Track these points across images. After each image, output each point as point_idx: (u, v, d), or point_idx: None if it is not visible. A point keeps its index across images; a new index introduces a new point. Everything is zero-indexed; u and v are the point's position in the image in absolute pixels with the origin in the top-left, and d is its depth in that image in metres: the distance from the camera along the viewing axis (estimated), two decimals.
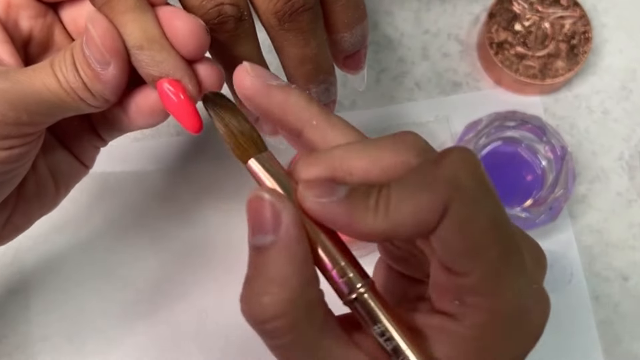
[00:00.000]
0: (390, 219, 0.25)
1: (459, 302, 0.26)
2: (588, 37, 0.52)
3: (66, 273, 0.50)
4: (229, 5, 0.32)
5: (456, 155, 0.25)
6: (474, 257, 0.25)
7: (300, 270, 0.26)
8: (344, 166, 0.27)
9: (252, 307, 0.26)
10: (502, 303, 0.26)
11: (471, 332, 0.26)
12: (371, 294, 0.27)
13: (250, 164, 0.28)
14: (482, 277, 0.25)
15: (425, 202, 0.25)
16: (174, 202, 0.51)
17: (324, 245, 0.27)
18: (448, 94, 0.53)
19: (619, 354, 0.49)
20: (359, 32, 0.36)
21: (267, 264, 0.26)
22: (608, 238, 0.51)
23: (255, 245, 0.26)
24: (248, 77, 0.29)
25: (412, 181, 0.25)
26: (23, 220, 0.37)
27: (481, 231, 0.25)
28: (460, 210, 0.24)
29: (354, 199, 0.26)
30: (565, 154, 0.48)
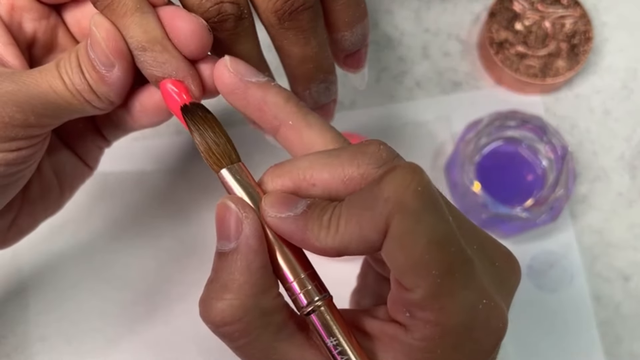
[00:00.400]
0: (339, 237, 0.26)
1: (409, 315, 0.26)
2: (589, 36, 0.52)
3: (65, 273, 0.49)
4: (228, 4, 0.32)
5: (398, 172, 0.26)
6: (416, 275, 0.25)
7: (254, 279, 0.27)
8: (307, 177, 0.28)
9: (207, 310, 0.27)
10: (448, 317, 0.26)
11: (420, 344, 0.26)
12: (327, 308, 0.28)
13: (222, 173, 0.29)
14: (426, 293, 0.25)
15: (366, 220, 0.25)
16: (174, 202, 0.51)
17: (285, 258, 0.28)
18: (448, 94, 0.53)
19: (620, 354, 0.49)
20: (360, 30, 0.35)
21: (225, 270, 0.27)
22: (609, 238, 0.50)
23: (219, 250, 0.28)
24: (226, 73, 0.30)
25: (358, 200, 0.26)
26: (28, 222, 0.37)
27: (421, 250, 0.25)
28: (399, 228, 0.25)
29: (310, 215, 0.27)
30: (565, 153, 0.48)
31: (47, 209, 0.38)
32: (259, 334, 0.27)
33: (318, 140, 0.30)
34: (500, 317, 0.27)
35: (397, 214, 0.25)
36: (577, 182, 0.51)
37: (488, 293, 0.27)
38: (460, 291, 0.26)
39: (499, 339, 0.27)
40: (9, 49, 0.33)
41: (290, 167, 0.29)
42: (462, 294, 0.26)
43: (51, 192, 0.37)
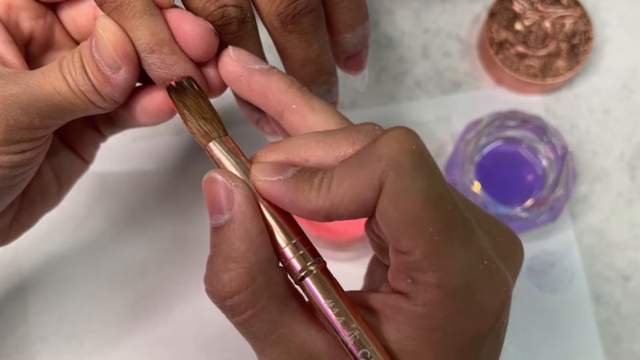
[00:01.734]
0: (330, 197, 0.26)
1: (411, 281, 0.26)
2: (589, 36, 0.52)
3: (65, 273, 0.49)
4: (232, 8, 0.32)
5: (393, 132, 0.26)
6: (413, 234, 0.25)
7: (256, 246, 0.27)
8: (301, 153, 0.28)
9: (212, 285, 0.27)
10: (448, 278, 0.26)
11: (422, 310, 0.26)
12: (321, 273, 0.27)
13: (210, 146, 0.29)
14: (425, 254, 0.25)
15: (361, 178, 0.25)
16: (174, 202, 0.51)
17: (277, 224, 0.28)
18: (448, 94, 0.53)
19: (620, 354, 0.49)
20: (361, 32, 0.36)
21: (224, 242, 0.27)
22: (609, 238, 0.50)
23: (213, 225, 0.28)
24: (230, 61, 0.31)
25: (352, 160, 0.26)
26: (28, 218, 0.37)
27: (417, 206, 0.25)
28: (394, 185, 0.25)
29: (300, 178, 0.27)
30: (565, 153, 0.48)
31: (46, 204, 0.38)
32: (265, 304, 0.27)
33: (322, 123, 0.30)
34: (503, 280, 0.27)
35: (392, 171, 0.25)
36: (577, 182, 0.51)
37: (489, 255, 0.27)
38: (459, 250, 0.26)
39: (503, 302, 0.27)
40: (9, 47, 0.33)
41: (284, 143, 0.29)
42: (462, 253, 0.26)
43: (50, 188, 0.37)
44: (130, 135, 0.52)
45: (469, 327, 0.27)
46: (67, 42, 0.36)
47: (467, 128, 0.50)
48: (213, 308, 0.48)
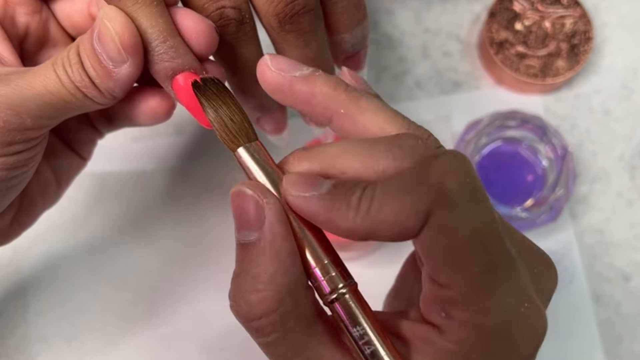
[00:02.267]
0: (370, 219, 0.24)
1: (445, 314, 0.25)
2: (589, 36, 0.52)
3: (65, 273, 0.49)
4: (230, 9, 0.32)
5: (446, 159, 0.25)
6: (455, 270, 0.24)
7: (286, 267, 0.25)
8: (337, 165, 0.26)
9: (239, 305, 0.26)
10: (487, 321, 0.25)
11: (455, 347, 0.25)
12: (352, 296, 0.26)
13: (239, 152, 0.27)
14: (465, 292, 0.24)
15: (407, 205, 0.24)
16: (174, 202, 0.50)
17: (308, 243, 0.26)
18: (448, 94, 0.53)
19: (620, 354, 0.49)
20: (359, 32, 0.36)
21: (253, 261, 0.26)
22: (609, 238, 0.50)
23: (241, 242, 0.26)
24: (268, 71, 0.28)
25: (397, 183, 0.24)
26: (28, 218, 0.37)
27: (464, 243, 0.24)
28: (441, 219, 0.24)
29: (336, 194, 0.25)
30: (566, 153, 0.48)
31: (46, 202, 0.38)
32: (291, 326, 0.26)
33: (371, 124, 0.28)
34: (541, 322, 0.26)
35: (443, 203, 0.23)
36: (577, 182, 0.51)
37: (530, 296, 0.26)
38: (502, 292, 0.24)
39: (538, 346, 0.26)
40: (4, 44, 0.33)
41: (319, 151, 0.27)
42: (504, 295, 0.25)
43: (49, 186, 0.37)
44: (130, 135, 0.52)
45: None
46: (62, 38, 0.36)
47: (467, 128, 0.50)
48: (213, 308, 0.48)
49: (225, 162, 0.51)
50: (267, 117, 0.37)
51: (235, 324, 0.27)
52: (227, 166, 0.51)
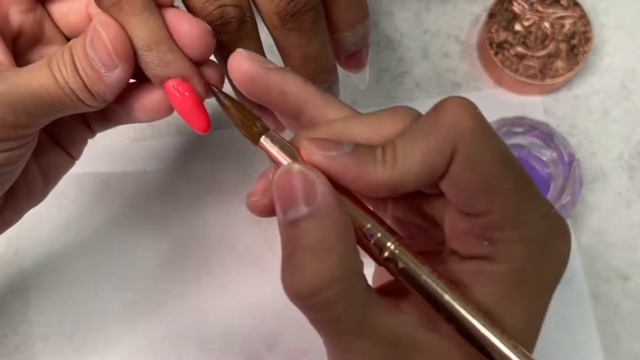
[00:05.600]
0: (398, 168, 0.26)
1: (488, 242, 0.26)
2: (588, 37, 0.52)
3: (66, 273, 0.49)
4: (231, 7, 0.32)
5: (453, 101, 0.26)
6: (490, 193, 0.26)
7: (344, 235, 0.26)
8: (346, 135, 0.27)
9: (296, 282, 0.25)
10: (530, 229, 0.26)
11: (508, 267, 0.26)
12: (404, 249, 0.27)
13: (263, 141, 0.28)
14: (504, 210, 0.26)
15: (432, 145, 0.25)
16: (175, 202, 0.51)
17: (351, 209, 0.27)
18: (448, 94, 0.53)
19: (620, 354, 0.49)
20: (361, 31, 0.36)
21: (307, 235, 0.26)
22: (608, 238, 0.50)
23: (289, 221, 0.26)
24: (245, 61, 0.30)
25: (416, 131, 0.26)
26: (12, 215, 0.37)
27: (491, 165, 0.25)
28: (467, 149, 0.25)
29: (361, 152, 0.26)
30: (572, 160, 0.48)
31: (31, 201, 0.38)
32: (354, 296, 0.25)
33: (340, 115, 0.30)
34: (566, 225, 0.28)
35: (464, 136, 0.25)
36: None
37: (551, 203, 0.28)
38: (532, 202, 0.26)
39: (570, 247, 0.28)
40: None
41: (325, 128, 0.28)
42: (535, 204, 0.26)
43: (36, 185, 0.37)
44: (131, 136, 0.52)
45: (550, 274, 0.27)
46: (56, 37, 0.36)
47: None
48: (213, 308, 0.48)
49: (226, 163, 0.51)
50: (268, 115, 0.38)
51: (235, 323, 0.27)
52: (228, 166, 0.51)
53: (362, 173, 0.26)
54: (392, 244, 0.27)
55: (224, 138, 0.51)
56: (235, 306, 0.48)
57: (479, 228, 0.26)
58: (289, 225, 0.26)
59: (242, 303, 0.48)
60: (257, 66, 0.29)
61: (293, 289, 0.25)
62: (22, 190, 0.36)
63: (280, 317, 0.47)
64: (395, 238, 0.27)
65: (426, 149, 0.26)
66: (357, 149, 0.26)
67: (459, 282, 0.27)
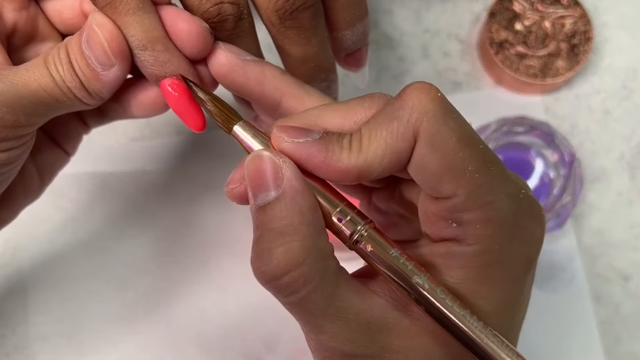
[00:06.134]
0: (363, 154, 0.26)
1: (456, 224, 0.26)
2: (588, 36, 0.52)
3: (65, 273, 0.49)
4: (228, 5, 0.32)
5: (416, 85, 0.27)
6: (454, 175, 0.26)
7: (309, 218, 0.26)
8: (320, 123, 0.28)
9: (264, 264, 0.26)
10: (497, 211, 0.26)
11: (475, 248, 0.26)
12: (373, 232, 0.27)
13: (236, 129, 0.29)
14: (469, 192, 0.26)
15: (394, 130, 0.26)
16: (174, 202, 0.51)
17: (321, 193, 0.28)
18: (448, 94, 0.52)
19: (620, 354, 0.49)
20: (360, 29, 0.36)
21: (274, 218, 0.26)
22: (609, 238, 0.50)
23: (259, 205, 0.27)
24: (223, 53, 0.31)
25: (379, 117, 0.27)
26: (9, 213, 0.37)
27: (454, 147, 0.26)
28: (429, 131, 0.26)
29: (328, 139, 0.27)
30: (573, 160, 0.48)
31: (27, 198, 0.38)
32: (321, 278, 0.26)
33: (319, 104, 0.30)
34: (539, 207, 0.28)
35: (426, 119, 0.26)
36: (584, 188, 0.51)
37: (523, 184, 0.28)
38: (500, 183, 0.26)
39: (544, 229, 0.28)
40: None
41: (299, 115, 0.29)
42: (502, 185, 0.27)
43: (32, 182, 0.37)
44: (130, 135, 0.52)
45: (521, 254, 0.27)
46: (51, 34, 0.35)
47: None
48: (213, 308, 0.48)
49: (225, 163, 0.51)
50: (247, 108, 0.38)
51: (235, 323, 0.27)
52: (227, 166, 0.50)
53: (328, 159, 0.27)
54: (362, 227, 0.27)
55: (222, 138, 0.51)
56: (234, 306, 0.48)
57: (447, 210, 0.27)
58: (258, 209, 0.27)
59: (242, 303, 0.48)
60: (235, 58, 0.31)
61: (260, 271, 0.26)
62: (19, 188, 0.36)
63: (280, 317, 0.47)
64: (365, 222, 0.27)
65: (389, 134, 0.26)
66: (324, 136, 0.27)
67: (431, 264, 0.28)
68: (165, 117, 0.35)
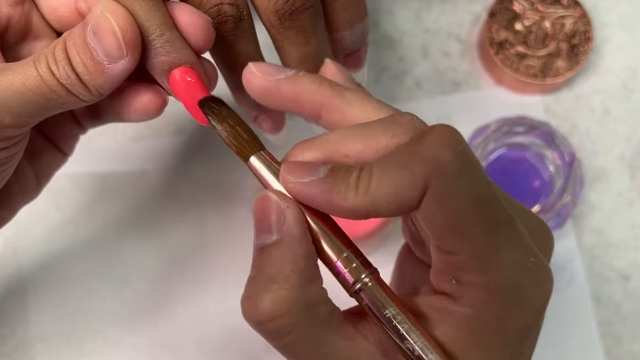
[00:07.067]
0: (370, 195, 0.25)
1: (455, 281, 0.26)
2: (589, 36, 0.52)
3: (65, 273, 0.49)
4: (228, 5, 0.32)
5: (437, 133, 0.25)
6: (460, 234, 0.25)
7: (300, 267, 0.26)
8: (340, 149, 0.27)
9: (252, 307, 0.26)
10: (497, 278, 0.25)
11: (469, 311, 0.26)
12: (376, 283, 0.27)
13: (252, 161, 0.28)
14: (471, 254, 0.25)
15: (405, 178, 0.25)
16: (174, 202, 0.50)
17: (327, 238, 0.27)
18: (448, 94, 0.53)
19: (620, 354, 0.49)
20: (360, 30, 0.36)
21: (268, 263, 0.26)
22: (609, 238, 0.50)
23: (258, 246, 0.27)
24: (254, 77, 0.29)
25: (393, 159, 0.26)
26: (6, 213, 0.37)
27: (464, 207, 0.25)
28: (440, 187, 0.25)
29: (334, 177, 0.26)
30: (573, 160, 0.48)
31: (25, 197, 0.37)
32: (306, 327, 0.26)
33: (360, 115, 0.29)
34: (548, 274, 0.27)
35: (439, 173, 0.25)
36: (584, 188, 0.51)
37: (534, 251, 0.27)
38: (506, 250, 0.25)
39: (547, 299, 0.27)
40: None
41: (321, 140, 0.28)
42: (509, 252, 0.26)
43: (28, 182, 0.37)
44: (130, 135, 0.52)
45: (516, 324, 0.27)
46: (46, 31, 0.34)
47: (475, 133, 0.50)
48: (213, 308, 0.48)
49: (225, 163, 0.51)
50: (265, 115, 0.37)
51: (235, 324, 0.27)
52: (227, 166, 0.51)
53: (333, 199, 0.26)
54: (367, 276, 0.27)
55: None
56: (234, 306, 0.48)
57: (448, 265, 0.26)
58: (258, 249, 0.27)
59: None
60: (267, 82, 0.29)
61: (247, 313, 0.27)
62: (15, 187, 0.36)
63: None
64: (368, 272, 0.27)
65: (399, 180, 0.25)
66: (330, 175, 0.26)
67: (427, 316, 0.27)
68: (165, 117, 0.34)
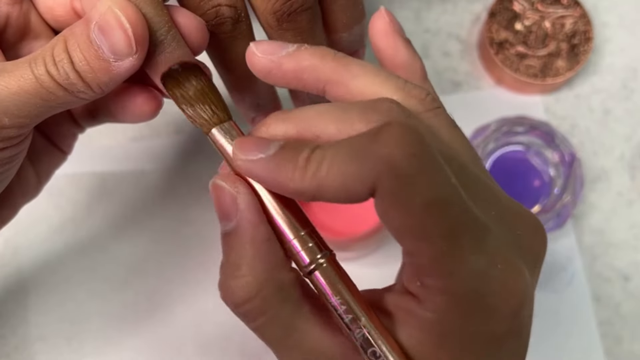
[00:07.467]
0: (317, 179, 0.24)
1: (420, 283, 0.25)
2: (589, 36, 0.52)
3: (65, 273, 0.49)
4: (226, 7, 0.32)
5: (395, 131, 0.24)
6: (416, 237, 0.24)
7: (262, 252, 0.26)
8: (312, 128, 0.26)
9: (225, 292, 0.27)
10: (456, 285, 0.24)
11: (432, 316, 0.25)
12: (330, 265, 0.27)
13: (213, 133, 0.28)
14: (431, 258, 0.24)
15: (353, 172, 0.24)
16: (173, 202, 0.51)
17: (284, 217, 0.27)
18: (448, 94, 0.53)
19: (620, 354, 0.49)
20: (358, 31, 0.36)
21: (232, 249, 0.27)
22: (609, 238, 0.50)
23: (222, 232, 0.27)
24: (255, 58, 0.29)
25: (347, 147, 0.25)
26: (8, 212, 0.37)
27: (418, 210, 0.23)
28: (391, 187, 0.23)
29: (283, 156, 0.25)
30: (573, 160, 0.48)
31: (25, 196, 0.37)
32: (277, 310, 0.26)
33: (366, 90, 0.28)
34: (520, 280, 0.26)
35: (389, 173, 0.23)
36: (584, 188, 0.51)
37: (505, 257, 0.25)
38: (469, 255, 0.24)
39: (520, 303, 0.26)
40: None
41: (296, 114, 0.27)
42: (472, 258, 0.24)
43: (29, 181, 0.37)
44: (130, 135, 0.52)
45: (483, 331, 0.26)
46: (44, 30, 0.34)
47: (475, 133, 0.50)
48: (213, 308, 0.48)
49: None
50: (263, 116, 0.37)
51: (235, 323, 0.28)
52: None
53: (278, 180, 0.25)
54: (321, 257, 0.27)
55: None
56: None
57: (413, 266, 0.25)
58: (223, 236, 0.27)
59: None
60: (269, 61, 0.29)
61: (222, 297, 0.27)
62: (16, 186, 0.36)
63: None
64: (323, 253, 0.27)
65: (347, 172, 0.24)
66: (280, 153, 0.26)
67: (393, 315, 0.27)
68: (164, 117, 0.35)
